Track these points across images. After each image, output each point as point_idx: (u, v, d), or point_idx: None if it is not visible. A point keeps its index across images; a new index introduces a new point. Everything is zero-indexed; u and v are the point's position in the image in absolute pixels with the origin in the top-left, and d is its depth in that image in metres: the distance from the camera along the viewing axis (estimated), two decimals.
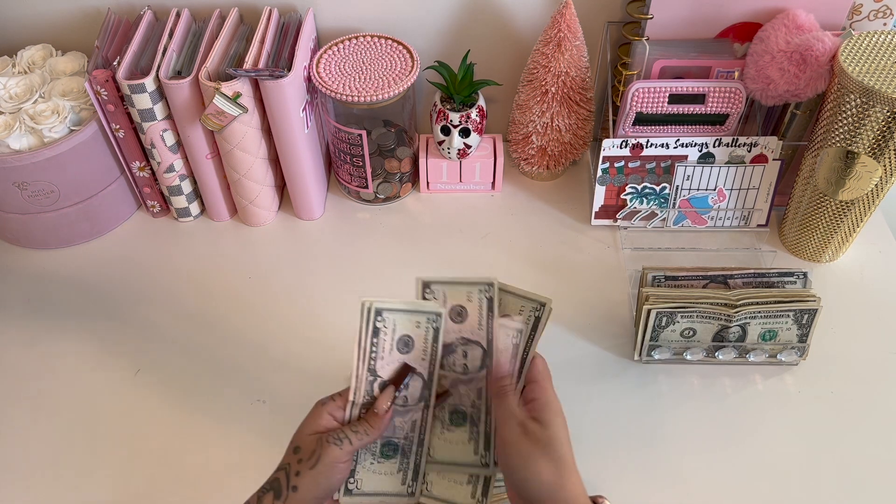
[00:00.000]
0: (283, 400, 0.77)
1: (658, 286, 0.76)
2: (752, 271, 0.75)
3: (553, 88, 0.86)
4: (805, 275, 0.74)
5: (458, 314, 0.63)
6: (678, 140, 0.85)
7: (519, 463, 0.55)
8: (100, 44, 0.84)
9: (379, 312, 0.60)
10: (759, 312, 0.72)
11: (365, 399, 0.60)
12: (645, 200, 0.89)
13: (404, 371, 0.60)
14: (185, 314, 0.85)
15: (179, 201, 0.92)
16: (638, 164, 0.87)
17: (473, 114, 0.88)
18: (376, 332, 0.59)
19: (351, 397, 0.59)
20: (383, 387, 0.60)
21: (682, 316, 0.73)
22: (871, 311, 0.83)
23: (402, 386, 0.60)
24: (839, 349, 0.79)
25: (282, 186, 0.96)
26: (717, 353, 0.76)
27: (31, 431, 0.75)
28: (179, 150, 0.88)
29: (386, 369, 0.60)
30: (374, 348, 0.59)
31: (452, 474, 0.62)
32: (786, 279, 0.75)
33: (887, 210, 0.92)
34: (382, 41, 0.88)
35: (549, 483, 0.54)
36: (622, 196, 0.89)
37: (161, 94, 0.82)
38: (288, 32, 0.85)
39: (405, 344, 0.61)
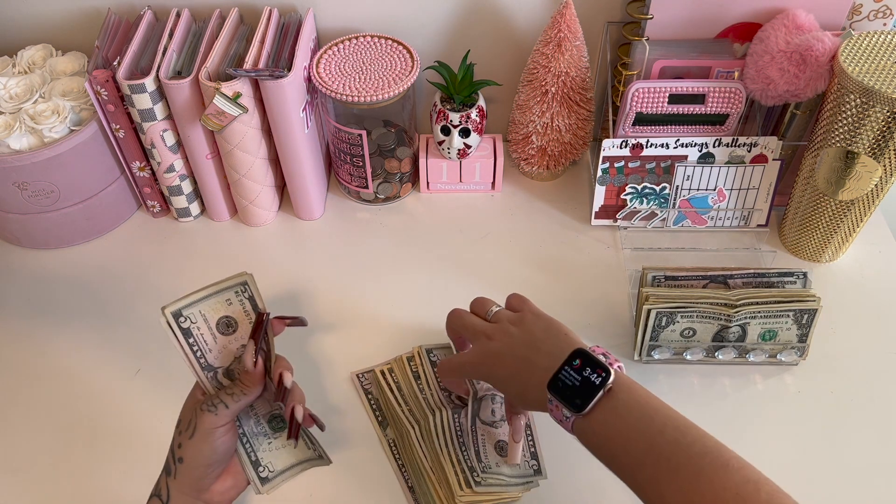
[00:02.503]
0: None
1: (658, 286, 0.76)
2: (752, 271, 0.75)
3: (553, 88, 0.86)
4: (805, 275, 0.74)
5: (227, 325, 0.62)
6: (678, 140, 0.85)
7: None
8: (100, 44, 0.84)
9: (179, 314, 0.58)
10: (759, 312, 0.72)
11: (218, 384, 0.61)
12: (645, 200, 0.89)
13: (259, 320, 0.61)
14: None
15: (179, 201, 0.92)
16: (638, 164, 0.87)
17: (473, 114, 0.88)
18: (188, 332, 0.59)
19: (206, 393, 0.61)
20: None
21: (682, 316, 0.73)
22: (871, 311, 0.83)
23: (261, 336, 0.60)
24: (839, 349, 0.79)
25: (282, 186, 0.96)
26: (716, 353, 0.76)
27: (31, 431, 0.75)
28: (179, 150, 0.88)
29: (220, 357, 0.61)
30: (194, 348, 0.59)
31: (297, 474, 0.64)
32: (786, 279, 0.75)
33: (887, 210, 0.92)
34: (382, 41, 0.88)
35: (521, 381, 0.60)
36: (622, 196, 0.89)
37: (161, 94, 0.82)
38: (288, 32, 0.85)
39: (227, 325, 0.61)
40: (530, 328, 0.61)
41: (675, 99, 0.83)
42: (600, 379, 0.54)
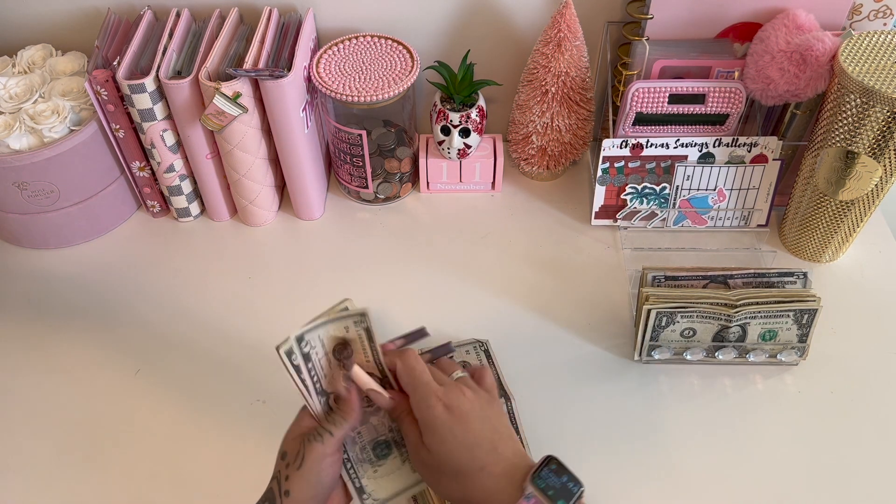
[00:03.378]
0: (282, 400, 0.76)
1: (658, 286, 0.76)
2: (752, 271, 0.75)
3: (553, 88, 0.86)
4: (805, 275, 0.74)
5: (342, 351, 0.62)
6: (678, 140, 0.85)
7: (434, 486, 0.58)
8: (100, 44, 0.84)
9: (300, 339, 0.56)
10: (759, 312, 0.72)
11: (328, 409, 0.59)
12: (645, 200, 0.89)
13: (343, 346, 0.58)
14: (186, 314, 0.85)
15: (179, 201, 0.92)
16: (638, 164, 0.87)
17: (473, 114, 0.88)
18: (307, 357, 0.57)
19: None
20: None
21: (682, 316, 0.73)
22: (871, 311, 0.83)
23: (347, 362, 0.58)
24: (839, 349, 0.79)
25: (282, 186, 0.96)
26: (717, 353, 0.76)
27: (31, 431, 0.75)
28: (179, 150, 0.88)
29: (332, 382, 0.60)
30: (312, 372, 0.57)
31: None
32: (786, 279, 0.75)
33: (887, 210, 0.92)
34: (382, 41, 0.88)
35: (461, 497, 0.55)
36: (622, 196, 0.89)
37: (161, 94, 0.82)
38: (288, 32, 0.85)
39: (344, 347, 0.59)
40: (494, 407, 0.58)
41: (675, 99, 0.83)
42: (578, 488, 0.53)
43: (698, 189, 0.88)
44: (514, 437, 0.57)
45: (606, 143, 0.86)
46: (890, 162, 0.75)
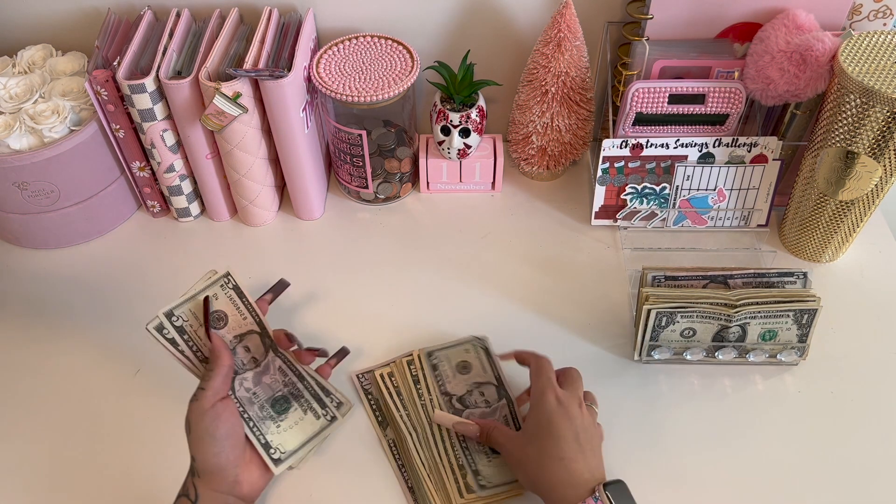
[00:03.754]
0: None
1: (658, 286, 0.76)
2: (752, 271, 0.75)
3: (553, 88, 0.86)
4: (805, 275, 0.74)
5: (464, 367, 0.76)
6: (678, 140, 0.85)
7: (515, 467, 0.66)
8: (100, 44, 0.84)
9: (171, 314, 0.65)
10: (759, 312, 0.72)
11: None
12: (645, 200, 0.89)
13: (205, 304, 0.65)
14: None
15: (179, 201, 0.92)
16: (638, 164, 0.87)
17: (473, 114, 0.88)
18: (181, 330, 0.65)
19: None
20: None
21: (682, 316, 0.73)
22: (871, 311, 0.83)
23: (209, 316, 0.64)
24: (839, 349, 0.79)
25: (282, 186, 0.96)
26: (717, 353, 0.76)
27: (30, 431, 0.75)
28: (179, 150, 0.88)
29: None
30: (189, 343, 0.66)
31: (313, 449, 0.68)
32: (786, 279, 0.75)
33: (887, 210, 0.92)
34: (382, 41, 0.88)
35: (534, 479, 0.62)
36: (622, 196, 0.89)
37: (161, 94, 0.82)
38: (288, 32, 0.85)
39: (218, 319, 0.68)
40: (595, 429, 0.65)
41: (675, 99, 0.83)
42: None
43: (698, 189, 0.88)
44: (600, 455, 0.63)
45: (606, 143, 0.86)
46: (890, 162, 0.75)
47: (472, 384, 0.74)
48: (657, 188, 0.88)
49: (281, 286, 0.72)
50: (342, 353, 0.72)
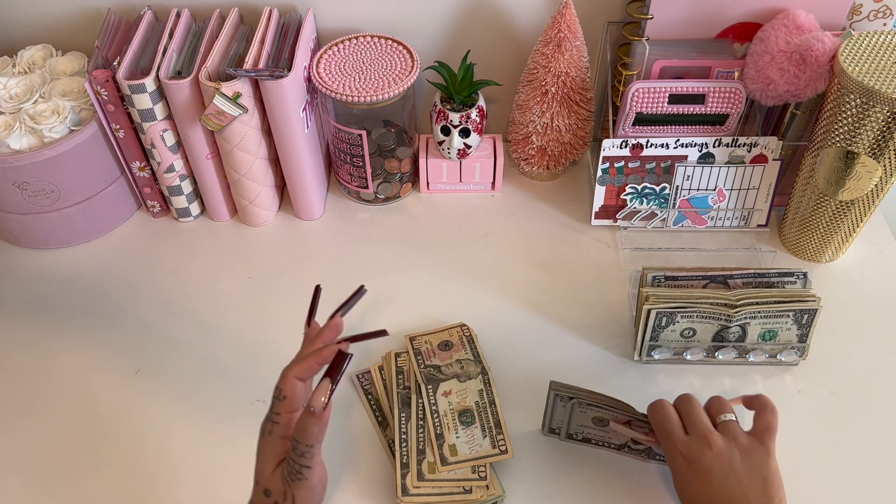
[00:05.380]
0: None
1: (658, 286, 0.76)
2: (752, 271, 0.75)
3: (553, 88, 0.86)
4: (805, 275, 0.74)
5: (445, 345, 0.79)
6: (678, 140, 0.85)
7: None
8: (100, 44, 0.84)
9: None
10: (759, 312, 0.72)
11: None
12: (645, 200, 0.89)
13: (339, 359, 0.55)
14: (186, 314, 0.85)
15: (179, 201, 0.92)
16: (638, 164, 0.87)
17: (473, 114, 0.88)
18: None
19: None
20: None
21: (682, 316, 0.73)
22: (871, 311, 0.83)
23: (338, 377, 0.55)
24: (839, 349, 0.79)
25: (282, 186, 0.96)
26: (716, 353, 0.76)
27: (31, 431, 0.75)
28: (179, 150, 0.88)
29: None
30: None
31: None
32: (786, 279, 0.75)
33: (887, 210, 0.92)
34: (382, 41, 0.88)
35: None
36: (622, 196, 0.89)
37: (161, 94, 0.82)
38: (288, 32, 0.85)
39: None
40: (752, 458, 0.56)
41: (675, 99, 0.83)
42: None
43: (698, 189, 0.88)
44: (775, 488, 0.55)
45: (606, 143, 0.86)
46: (890, 162, 0.75)
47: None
48: (657, 188, 0.88)
49: (357, 296, 0.64)
50: (357, 295, 0.64)
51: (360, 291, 0.63)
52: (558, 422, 0.70)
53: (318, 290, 0.63)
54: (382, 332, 0.57)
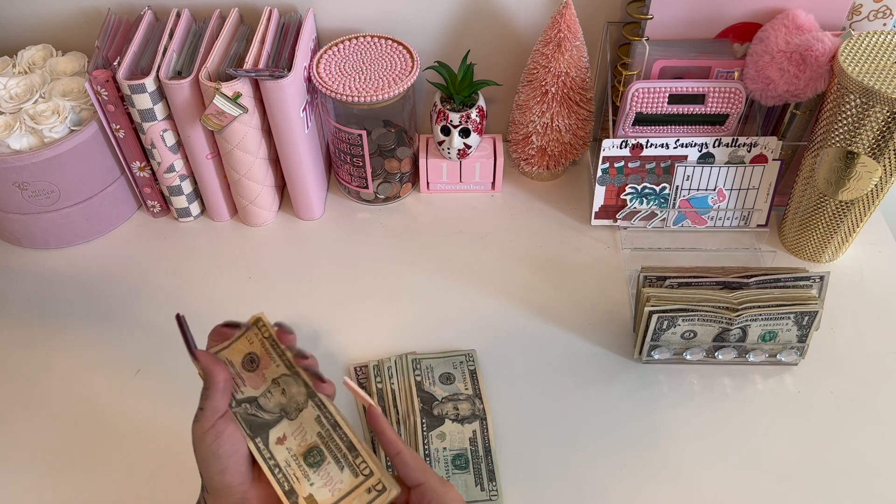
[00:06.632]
0: None
1: (659, 287, 0.76)
2: (768, 276, 0.74)
3: (553, 89, 0.86)
4: (822, 278, 0.74)
5: (251, 361, 0.63)
6: (678, 140, 0.85)
7: None
8: (100, 44, 0.84)
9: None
10: (761, 315, 0.72)
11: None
12: (645, 200, 0.89)
13: (251, 360, 0.60)
14: (186, 314, 0.85)
15: (179, 201, 0.92)
16: (638, 164, 0.87)
17: (473, 114, 0.88)
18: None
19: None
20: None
21: (683, 319, 0.73)
22: (871, 311, 0.83)
23: (187, 335, 0.60)
24: (839, 349, 0.79)
25: (282, 186, 0.96)
26: (716, 353, 0.76)
27: (31, 431, 0.75)
28: (180, 151, 0.88)
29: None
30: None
31: None
32: (800, 283, 0.74)
33: (887, 210, 0.92)
34: (382, 41, 0.88)
35: None
36: (622, 196, 0.89)
37: (161, 94, 0.82)
38: (288, 32, 0.85)
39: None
40: None
41: (675, 99, 0.83)
42: None
43: (698, 189, 0.88)
44: None
45: (606, 143, 0.86)
46: (890, 162, 0.75)
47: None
48: (657, 188, 0.88)
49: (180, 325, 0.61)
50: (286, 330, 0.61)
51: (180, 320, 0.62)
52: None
53: (179, 320, 0.62)
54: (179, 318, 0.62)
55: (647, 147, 0.86)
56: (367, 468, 0.56)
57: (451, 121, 0.88)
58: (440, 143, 0.91)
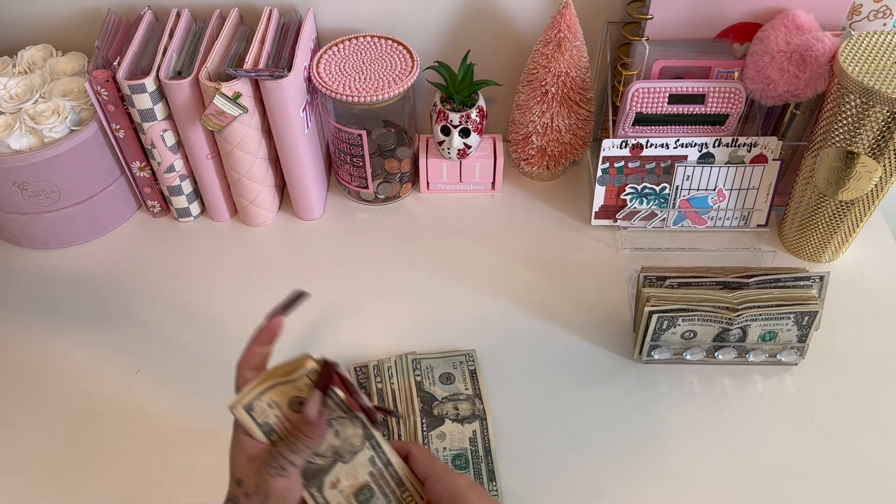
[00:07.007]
0: None
1: (658, 287, 0.76)
2: (769, 276, 0.74)
3: (553, 89, 0.86)
4: (822, 278, 0.74)
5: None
6: (678, 140, 0.85)
7: None
8: (100, 44, 0.84)
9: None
10: (761, 315, 0.72)
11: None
12: (645, 200, 0.89)
13: (327, 371, 0.53)
14: (185, 314, 0.85)
15: (180, 201, 0.92)
16: (638, 164, 0.87)
17: (473, 114, 0.88)
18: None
19: None
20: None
21: (683, 319, 0.73)
22: (871, 311, 0.83)
23: (329, 388, 0.53)
24: (839, 349, 0.79)
25: (282, 186, 0.96)
26: (716, 353, 0.76)
27: (31, 431, 0.75)
28: (180, 151, 0.88)
29: None
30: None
31: None
32: (801, 283, 0.74)
33: (887, 210, 0.92)
34: (382, 41, 0.88)
35: None
36: (622, 196, 0.89)
37: (161, 94, 0.82)
38: (288, 32, 0.85)
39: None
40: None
41: (675, 99, 0.83)
42: None
43: (698, 189, 0.88)
44: None
45: (606, 143, 0.86)
46: (890, 162, 0.75)
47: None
48: (657, 188, 0.88)
49: (295, 299, 0.58)
50: (295, 299, 0.58)
51: (302, 296, 0.58)
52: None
53: (300, 295, 0.58)
54: (303, 294, 0.57)
55: (647, 147, 0.86)
56: (413, 502, 0.55)
57: (451, 121, 0.88)
58: (440, 143, 0.91)
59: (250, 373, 0.57)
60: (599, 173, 0.88)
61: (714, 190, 0.88)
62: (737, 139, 0.85)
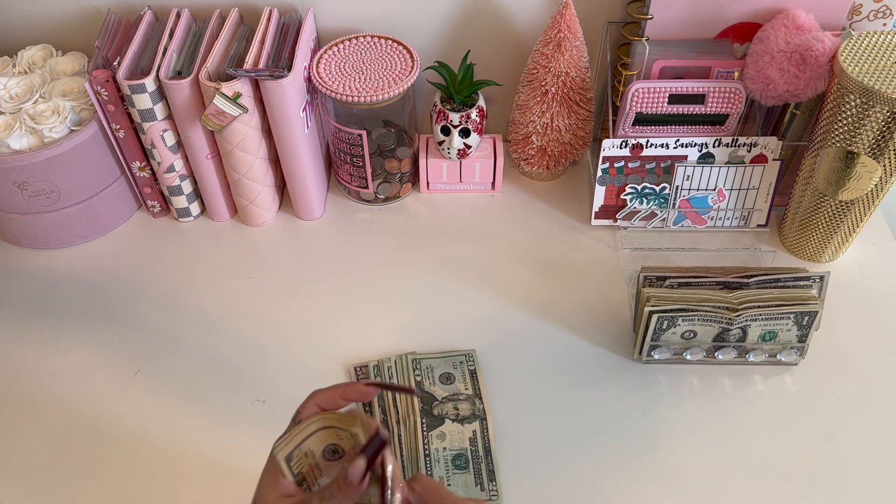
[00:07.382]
0: (282, 400, 0.77)
1: (658, 287, 0.76)
2: (769, 276, 0.74)
3: (553, 89, 0.86)
4: (822, 278, 0.74)
5: (334, 452, 0.56)
6: (678, 140, 0.85)
7: None
8: (100, 44, 0.84)
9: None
10: (761, 315, 0.72)
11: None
12: (645, 200, 0.89)
13: (379, 443, 0.51)
14: (186, 314, 0.85)
15: (179, 201, 0.92)
16: (638, 164, 0.87)
17: (473, 114, 0.88)
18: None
19: None
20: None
21: (683, 319, 0.73)
22: (871, 311, 0.83)
23: (368, 455, 0.51)
24: (839, 349, 0.79)
25: (282, 186, 0.96)
26: (716, 353, 0.76)
27: (31, 431, 0.75)
28: (180, 150, 0.88)
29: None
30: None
31: None
32: (801, 283, 0.74)
33: (887, 210, 0.92)
34: (382, 41, 0.88)
35: None
36: (622, 196, 0.89)
37: (161, 94, 0.82)
38: (288, 32, 0.85)
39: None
40: None
41: (675, 99, 0.83)
42: None
43: (698, 189, 0.88)
44: None
45: (606, 143, 0.86)
46: (890, 162, 0.75)
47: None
48: (657, 188, 0.88)
49: (375, 444, 0.52)
50: (375, 442, 0.53)
51: (412, 391, 0.56)
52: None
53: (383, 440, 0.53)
54: (411, 391, 0.57)
55: (647, 147, 0.86)
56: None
57: (451, 121, 0.88)
58: (440, 143, 0.91)
59: (316, 409, 0.56)
60: (599, 173, 0.88)
61: (714, 190, 0.88)
62: (737, 139, 0.85)
